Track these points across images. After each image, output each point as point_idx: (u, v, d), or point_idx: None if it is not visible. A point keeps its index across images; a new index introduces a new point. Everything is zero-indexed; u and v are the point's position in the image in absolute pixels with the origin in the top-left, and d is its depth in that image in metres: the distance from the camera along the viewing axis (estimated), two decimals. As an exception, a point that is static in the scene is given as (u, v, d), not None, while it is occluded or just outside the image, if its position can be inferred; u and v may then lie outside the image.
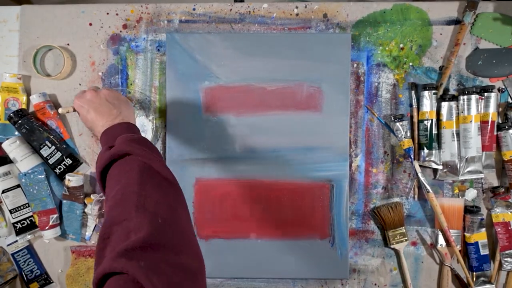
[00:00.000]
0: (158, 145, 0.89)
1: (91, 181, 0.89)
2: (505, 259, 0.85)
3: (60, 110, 0.79)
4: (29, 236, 0.86)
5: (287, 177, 0.86)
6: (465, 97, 0.83)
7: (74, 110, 0.77)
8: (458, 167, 0.85)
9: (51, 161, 0.85)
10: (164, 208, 0.50)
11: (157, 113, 0.89)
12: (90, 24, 0.89)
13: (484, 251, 0.85)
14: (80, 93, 0.76)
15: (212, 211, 0.87)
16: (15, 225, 0.85)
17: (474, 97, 0.82)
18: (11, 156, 0.85)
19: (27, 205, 0.85)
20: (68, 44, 0.90)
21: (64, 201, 0.86)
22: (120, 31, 0.89)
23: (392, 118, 0.86)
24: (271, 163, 0.86)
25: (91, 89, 0.75)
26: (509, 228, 0.84)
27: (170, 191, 0.55)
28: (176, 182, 0.57)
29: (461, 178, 0.85)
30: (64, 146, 0.87)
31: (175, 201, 0.55)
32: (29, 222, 0.86)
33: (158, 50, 0.89)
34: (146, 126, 0.89)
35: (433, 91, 0.84)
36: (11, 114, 0.84)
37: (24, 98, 0.88)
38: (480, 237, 0.85)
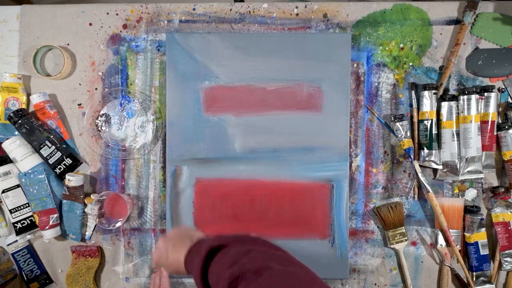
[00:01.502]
0: (158, 145, 0.89)
1: (91, 181, 0.90)
2: (505, 259, 0.85)
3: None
4: (29, 236, 0.86)
5: (287, 177, 0.86)
6: (465, 97, 0.83)
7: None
8: (458, 167, 0.85)
9: (51, 161, 0.85)
10: (287, 259, 0.53)
11: (157, 113, 0.89)
12: (90, 24, 0.89)
13: (484, 251, 0.85)
14: (157, 251, 0.71)
15: (212, 211, 0.87)
16: (15, 225, 0.85)
17: (474, 97, 0.82)
18: (11, 156, 0.85)
19: (27, 205, 0.85)
20: (68, 44, 0.90)
21: (64, 201, 0.86)
22: (120, 31, 0.89)
23: (392, 118, 0.86)
24: (271, 163, 0.86)
25: (160, 240, 0.71)
26: (509, 228, 0.84)
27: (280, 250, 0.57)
28: (284, 250, 0.59)
29: (461, 178, 0.85)
30: (64, 146, 0.87)
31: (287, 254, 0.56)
32: (29, 222, 0.86)
33: (158, 50, 0.89)
34: (146, 126, 0.89)
35: (433, 91, 0.84)
36: (11, 114, 0.84)
37: (24, 98, 0.88)
38: (480, 237, 0.85)
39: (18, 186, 0.85)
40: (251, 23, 0.89)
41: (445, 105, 0.84)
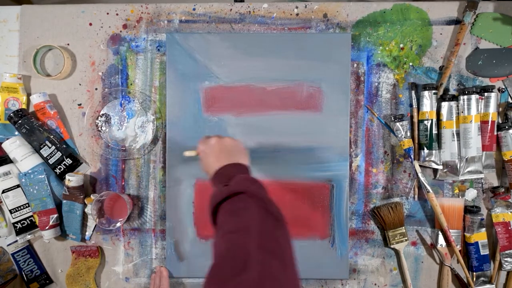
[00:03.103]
0: (158, 145, 0.89)
1: (91, 181, 0.89)
2: (505, 259, 0.85)
3: (186, 153, 0.77)
4: (29, 236, 0.86)
5: (287, 177, 0.86)
6: (465, 97, 0.83)
7: (198, 154, 0.75)
8: (458, 167, 0.85)
9: (51, 161, 0.85)
10: (278, 251, 0.53)
11: (157, 113, 0.89)
12: (90, 24, 0.89)
13: (484, 251, 0.85)
14: (205, 139, 0.75)
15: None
16: (15, 225, 0.85)
17: (474, 97, 0.82)
18: (11, 156, 0.85)
19: (27, 205, 0.85)
20: (68, 44, 0.90)
21: (64, 201, 0.86)
22: (120, 31, 0.89)
23: (392, 118, 0.86)
24: (271, 163, 0.86)
25: (215, 136, 0.74)
26: (509, 228, 0.84)
27: (282, 231, 0.58)
28: (284, 221, 0.59)
29: (461, 178, 0.85)
30: (64, 146, 0.87)
31: (286, 241, 0.57)
32: (29, 222, 0.86)
33: (158, 50, 0.89)
34: (146, 126, 0.89)
35: (433, 91, 0.84)
36: (11, 114, 0.84)
37: (24, 98, 0.88)
38: (480, 237, 0.85)
39: (18, 186, 0.85)
40: (251, 23, 0.89)
41: (445, 105, 0.84)
